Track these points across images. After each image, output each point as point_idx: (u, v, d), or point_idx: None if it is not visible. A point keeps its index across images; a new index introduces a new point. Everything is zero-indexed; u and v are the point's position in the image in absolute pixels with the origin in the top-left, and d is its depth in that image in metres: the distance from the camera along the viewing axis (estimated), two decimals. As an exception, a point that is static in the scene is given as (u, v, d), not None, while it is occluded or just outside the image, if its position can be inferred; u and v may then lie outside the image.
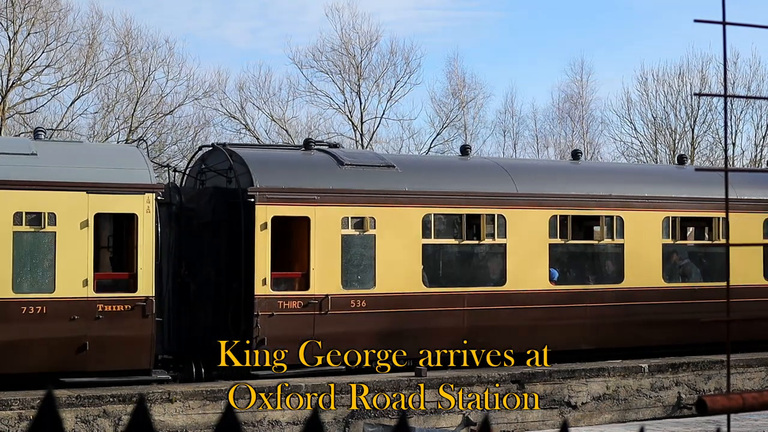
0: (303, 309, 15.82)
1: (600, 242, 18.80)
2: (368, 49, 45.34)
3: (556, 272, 18.41)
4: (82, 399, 13.59)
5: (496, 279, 17.70)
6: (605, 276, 18.90)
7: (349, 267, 16.41)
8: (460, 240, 17.57)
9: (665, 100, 45.09)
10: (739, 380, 17.66)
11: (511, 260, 17.54)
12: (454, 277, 17.68)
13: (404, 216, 16.86)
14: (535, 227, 17.82)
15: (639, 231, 18.63)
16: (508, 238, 17.53)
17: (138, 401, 2.15)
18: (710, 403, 2.78)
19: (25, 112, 39.44)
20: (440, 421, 15.43)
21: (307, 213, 16.10)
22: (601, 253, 19.18)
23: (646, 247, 18.66)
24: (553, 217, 17.98)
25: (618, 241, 18.58)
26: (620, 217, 18.53)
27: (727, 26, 3.13)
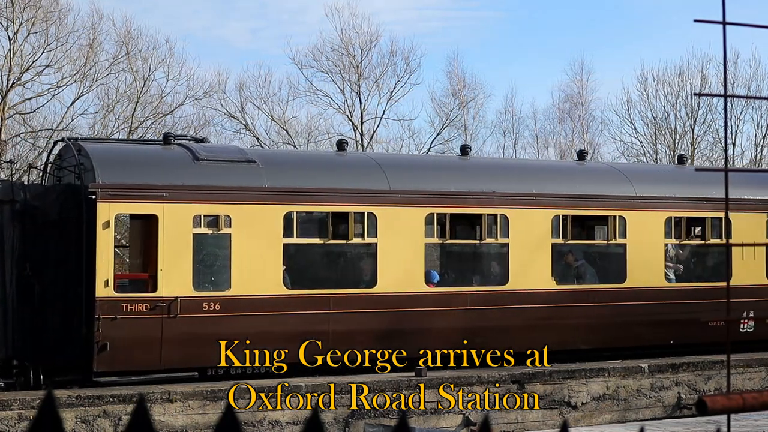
0: (150, 312, 14.94)
1: (483, 242, 17.69)
2: (368, 49, 45.38)
3: (436, 274, 17.47)
4: (82, 399, 13.59)
5: (367, 281, 16.67)
6: (491, 277, 17.93)
7: (202, 268, 15.45)
8: (326, 239, 16.49)
9: (665, 100, 45.13)
10: (739, 380, 17.66)
11: (382, 261, 16.50)
12: (319, 278, 16.74)
13: (264, 214, 15.81)
14: (410, 226, 16.74)
15: (526, 230, 17.60)
16: (379, 238, 16.48)
17: (138, 401, 2.15)
18: (710, 403, 2.78)
19: (25, 112, 39.43)
20: (440, 421, 15.43)
21: (154, 210, 15.21)
22: (486, 253, 18.22)
23: (533, 247, 17.63)
24: (429, 215, 16.99)
25: (503, 241, 17.55)
26: (505, 216, 17.47)
27: (727, 26, 3.13)
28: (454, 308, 16.96)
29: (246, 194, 15.76)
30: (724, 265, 19.22)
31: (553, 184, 18.20)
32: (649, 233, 18.53)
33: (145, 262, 15.88)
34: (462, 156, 19.08)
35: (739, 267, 18.79)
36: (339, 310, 16.14)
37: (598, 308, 17.95)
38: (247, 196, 15.76)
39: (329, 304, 16.11)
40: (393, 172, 17.12)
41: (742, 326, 18.98)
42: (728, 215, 19.01)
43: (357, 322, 16.21)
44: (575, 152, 22.52)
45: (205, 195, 15.51)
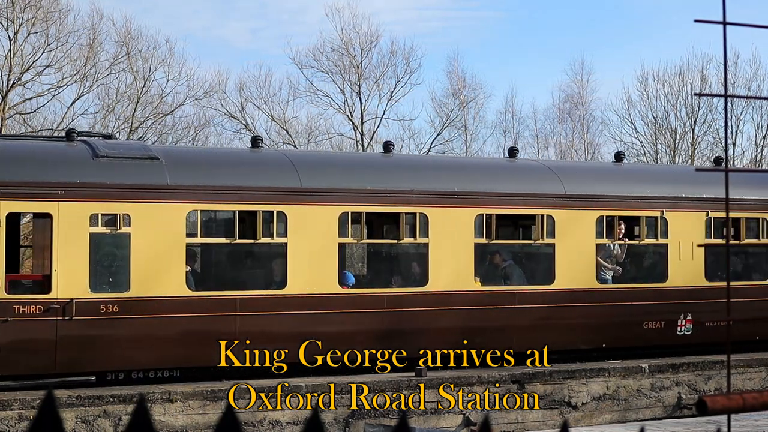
0: (44, 314, 14.35)
1: (401, 242, 16.90)
2: (368, 49, 45.39)
3: (351, 276, 16.87)
4: (82, 399, 13.59)
5: (278, 282, 15.98)
6: (410, 278, 17.18)
7: (99, 268, 14.80)
8: (232, 239, 15.84)
9: (665, 100, 45.12)
10: (739, 380, 17.66)
11: (293, 262, 15.76)
12: (226, 279, 16.15)
13: (165, 212, 15.12)
14: (323, 225, 15.98)
15: (447, 229, 16.76)
16: (289, 237, 15.75)
17: (138, 401, 2.15)
18: (710, 403, 2.78)
19: (25, 112, 39.44)
20: (440, 421, 15.44)
21: (48, 209, 14.59)
22: (405, 253, 17.52)
23: (455, 247, 16.80)
24: (344, 214, 16.13)
25: (422, 241, 16.67)
26: (424, 214, 16.60)
27: (728, 26, 3.13)
28: (370, 310, 16.21)
29: (146, 192, 15.09)
30: (660, 266, 18.63)
31: (478, 182, 17.40)
32: (579, 233, 17.78)
33: (45, 263, 15.25)
34: (385, 153, 18.16)
35: (676, 268, 18.39)
36: (246, 312, 15.46)
37: (525, 310, 17.24)
38: (147, 194, 15.09)
39: (236, 306, 15.43)
40: (306, 169, 16.35)
41: (679, 329, 18.26)
42: (728, 215, 18.92)
43: (266, 324, 15.55)
44: (575, 152, 22.20)
45: (102, 193, 14.86)
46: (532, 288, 17.61)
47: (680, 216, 18.51)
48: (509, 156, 19.32)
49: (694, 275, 18.51)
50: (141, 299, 14.88)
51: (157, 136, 41.51)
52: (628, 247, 18.39)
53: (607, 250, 18.19)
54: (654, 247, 18.74)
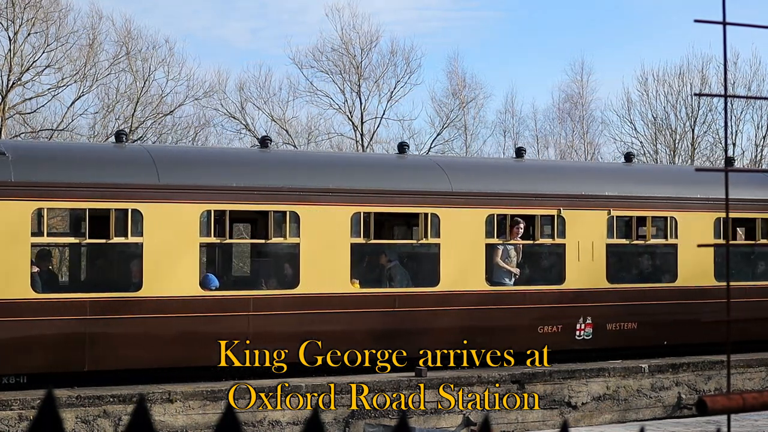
0: None
1: (269, 242, 15.86)
2: (368, 49, 45.41)
3: (214, 278, 15.85)
4: (82, 399, 13.59)
5: (134, 284, 14.95)
6: (280, 280, 16.30)
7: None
8: (82, 239, 15.08)
9: (665, 100, 45.14)
10: (739, 380, 17.66)
11: (149, 263, 14.78)
12: (77, 282, 15.45)
13: (9, 210, 14.20)
14: (183, 225, 14.98)
15: (321, 228, 15.79)
16: (145, 237, 14.75)
17: (138, 401, 2.15)
18: (710, 403, 2.78)
19: (25, 112, 39.45)
20: (440, 421, 15.44)
21: None
22: (274, 253, 16.67)
23: (329, 247, 15.79)
24: (206, 212, 15.24)
25: (293, 241, 15.67)
26: (295, 213, 15.62)
27: (727, 26, 3.13)
28: (235, 314, 15.27)
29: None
30: (558, 268, 17.61)
31: (356, 179, 16.40)
32: (466, 232, 16.75)
33: None
34: (262, 148, 17.13)
35: (574, 269, 17.47)
36: (98, 316, 14.52)
37: (407, 313, 16.27)
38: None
39: (86, 310, 14.49)
40: (165, 165, 15.35)
41: (578, 333, 17.38)
42: (728, 215, 18.76)
43: (120, 328, 14.64)
44: (575, 152, 21.95)
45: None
46: (414, 290, 16.62)
47: (579, 215, 17.59)
48: (399, 152, 18.09)
49: (595, 277, 17.66)
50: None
51: (157, 136, 41.55)
52: (524, 247, 17.45)
53: (505, 251, 17.21)
54: (550, 247, 17.85)
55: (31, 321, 14.23)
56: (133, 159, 15.61)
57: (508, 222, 17.16)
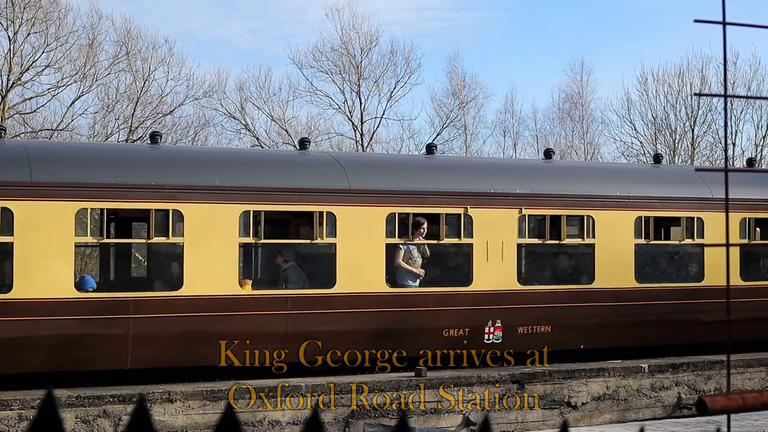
0: None
1: (151, 241, 15.20)
2: (368, 49, 45.42)
3: (91, 280, 15.41)
4: (82, 399, 13.59)
5: (7, 285, 14.38)
6: (164, 281, 15.77)
7: None
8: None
9: (665, 100, 45.15)
10: (739, 380, 17.66)
11: (20, 264, 14.07)
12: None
13: None
14: (57, 224, 14.24)
15: (206, 227, 15.14)
16: (15, 237, 14.04)
17: (138, 401, 2.15)
18: (710, 403, 2.78)
19: (25, 112, 39.45)
20: (440, 421, 15.44)
21: None
22: (156, 254, 16.05)
23: (216, 247, 15.14)
24: (82, 211, 14.68)
25: (176, 240, 15.04)
26: (179, 211, 14.92)
27: (727, 26, 3.13)
28: (118, 316, 14.55)
29: None
30: (465, 268, 16.87)
31: (244, 177, 15.59)
32: (365, 231, 15.98)
33: None
34: (152, 144, 16.24)
35: (482, 270, 16.66)
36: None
37: (302, 316, 15.52)
38: None
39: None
40: (39, 162, 14.58)
41: (487, 337, 16.59)
42: (727, 215, 18.76)
43: None
44: (575, 152, 21.65)
45: None
46: (309, 292, 15.86)
47: (488, 213, 16.80)
48: (300, 148, 17.35)
49: (505, 278, 16.86)
50: None
51: (157, 136, 41.49)
52: (429, 247, 16.69)
53: (408, 251, 16.50)
54: (457, 247, 17.14)
55: None
56: (2, 157, 14.75)
57: (411, 221, 16.36)
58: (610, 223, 17.67)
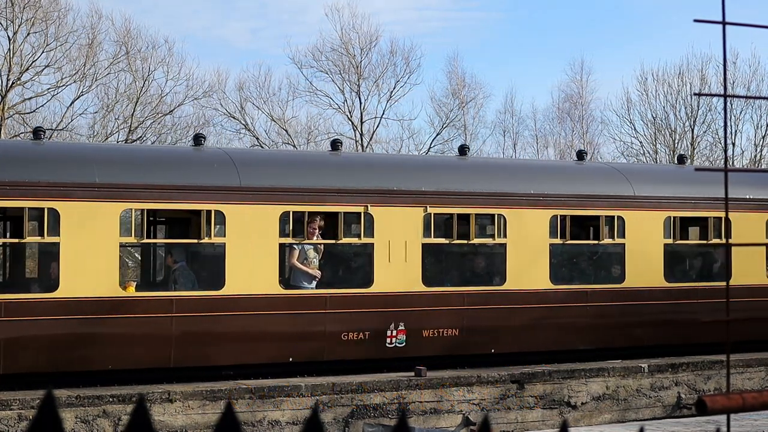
0: None
1: (25, 241, 14.65)
2: (368, 49, 45.44)
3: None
4: (82, 399, 13.58)
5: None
6: (40, 282, 15.34)
7: None
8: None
9: (665, 100, 45.17)
10: (739, 380, 17.66)
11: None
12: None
13: None
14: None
15: (85, 226, 14.46)
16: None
17: (138, 401, 2.15)
18: (710, 403, 2.78)
19: (24, 112, 39.45)
20: (440, 421, 15.43)
21: None
22: (32, 253, 15.55)
23: (95, 247, 14.47)
24: None
25: (52, 240, 14.41)
26: (54, 210, 14.29)
27: (727, 26, 3.13)
28: None
29: None
30: (364, 270, 16.16)
31: (126, 173, 14.86)
32: (259, 231, 15.33)
33: None
34: (35, 140, 15.61)
35: (383, 271, 15.95)
36: None
37: (188, 319, 14.89)
38: None
39: None
40: None
41: (389, 341, 15.86)
42: (728, 215, 18.56)
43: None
44: (575, 152, 21.28)
45: None
46: (196, 294, 15.20)
47: (391, 212, 16.06)
48: (194, 144, 16.71)
49: (409, 279, 16.14)
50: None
51: (157, 136, 41.55)
52: (326, 247, 16.11)
53: (302, 251, 15.85)
54: (357, 247, 16.44)
55: None
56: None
57: (306, 220, 15.76)
58: (523, 221, 16.99)
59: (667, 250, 18.17)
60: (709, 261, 19.25)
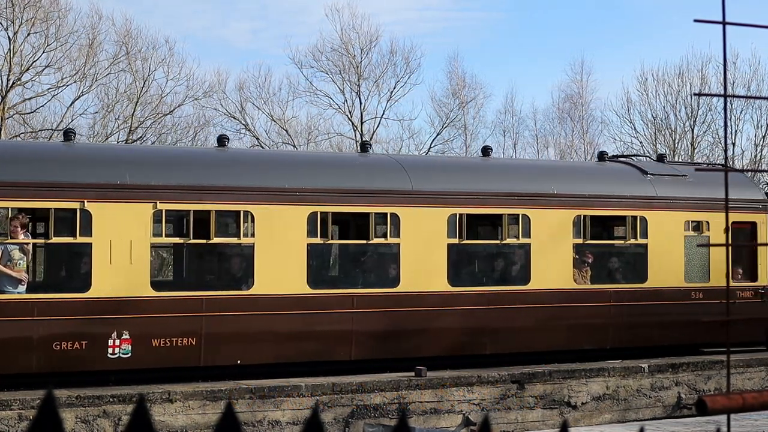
0: None
1: None
2: (368, 49, 45.43)
3: None
4: (82, 399, 13.58)
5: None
6: None
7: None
8: None
9: (665, 100, 45.16)
10: (739, 380, 17.66)
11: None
12: None
13: None
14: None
15: None
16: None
17: (138, 401, 2.15)
18: (710, 403, 2.78)
19: (25, 112, 39.44)
20: (440, 421, 15.43)
21: None
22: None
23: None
24: None
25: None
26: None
27: (727, 26, 3.13)
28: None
29: None
30: (81, 272, 14.83)
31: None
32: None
33: None
34: None
35: (103, 273, 14.60)
36: None
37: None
38: None
39: None
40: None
41: (111, 351, 14.36)
42: (727, 215, 18.50)
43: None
44: (575, 152, 21.48)
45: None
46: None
47: (115, 208, 14.67)
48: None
49: (134, 283, 14.67)
50: None
51: (157, 136, 41.54)
52: (34, 246, 14.94)
53: (6, 252, 14.41)
54: (71, 247, 14.98)
55: None
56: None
57: (9, 218, 14.48)
58: (271, 217, 15.46)
59: (453, 250, 16.82)
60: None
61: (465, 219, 16.68)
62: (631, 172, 19.04)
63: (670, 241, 18.31)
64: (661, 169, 19.38)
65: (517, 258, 17.48)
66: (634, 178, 18.76)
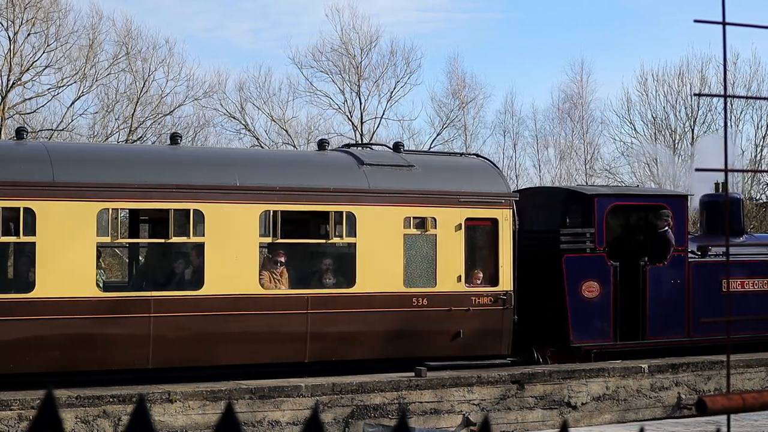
0: None
1: None
2: (368, 50, 45.44)
3: None
4: (82, 399, 13.58)
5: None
6: None
7: None
8: None
9: (665, 100, 45.18)
10: (739, 380, 17.66)
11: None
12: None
13: None
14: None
15: None
16: None
17: (138, 401, 2.15)
18: (710, 404, 2.78)
19: (25, 112, 39.46)
20: (440, 421, 15.43)
21: None
22: None
23: None
24: None
25: None
26: None
27: (727, 26, 3.13)
28: None
29: None
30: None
31: None
32: None
33: None
34: None
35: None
36: None
37: None
38: None
39: None
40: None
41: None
42: (727, 214, 18.53)
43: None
44: (575, 153, 21.09)
45: None
46: None
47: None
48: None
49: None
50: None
51: (157, 137, 41.55)
52: None
53: None
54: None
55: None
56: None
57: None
58: None
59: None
60: None
61: (118, 215, 15.07)
62: (345, 162, 16.49)
63: (386, 240, 15.94)
64: (384, 158, 16.81)
65: (192, 259, 15.36)
66: (344, 168, 16.29)
